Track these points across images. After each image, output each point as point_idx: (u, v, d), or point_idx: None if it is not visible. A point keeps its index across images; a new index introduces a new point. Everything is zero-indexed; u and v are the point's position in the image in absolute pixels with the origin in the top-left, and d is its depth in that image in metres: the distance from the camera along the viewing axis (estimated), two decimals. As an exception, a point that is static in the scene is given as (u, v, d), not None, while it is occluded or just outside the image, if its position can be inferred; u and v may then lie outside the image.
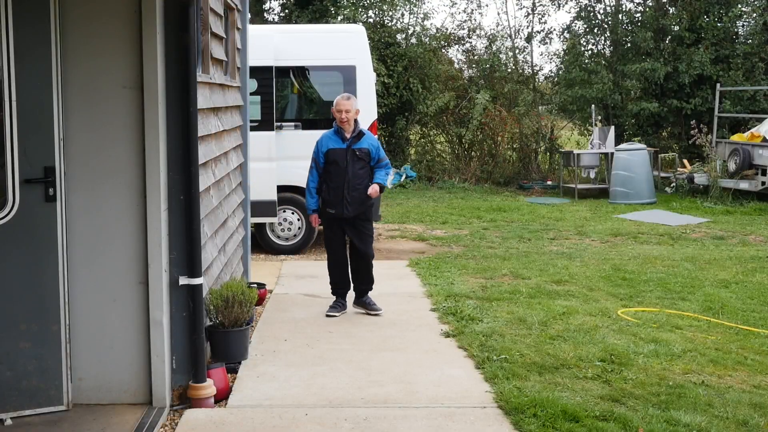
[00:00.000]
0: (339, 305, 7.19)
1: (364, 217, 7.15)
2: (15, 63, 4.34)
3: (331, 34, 10.72)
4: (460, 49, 20.92)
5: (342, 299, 7.23)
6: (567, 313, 7.08)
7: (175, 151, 4.76)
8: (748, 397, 5.14)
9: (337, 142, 7.04)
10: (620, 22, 19.49)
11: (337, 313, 7.09)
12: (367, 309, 7.16)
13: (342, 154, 7.00)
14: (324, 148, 7.06)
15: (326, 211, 7.07)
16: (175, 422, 4.66)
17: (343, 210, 6.99)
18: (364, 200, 7.05)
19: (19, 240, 4.45)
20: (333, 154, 7.01)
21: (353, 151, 7.01)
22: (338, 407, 4.87)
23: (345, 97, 7.10)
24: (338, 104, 7.04)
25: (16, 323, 4.49)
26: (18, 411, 4.53)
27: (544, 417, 4.67)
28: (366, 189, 7.03)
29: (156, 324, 4.73)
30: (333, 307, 7.17)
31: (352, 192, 6.98)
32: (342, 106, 7.02)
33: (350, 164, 6.99)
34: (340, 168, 6.99)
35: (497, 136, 18.87)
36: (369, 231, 7.22)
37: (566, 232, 12.04)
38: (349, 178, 6.98)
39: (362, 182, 7.02)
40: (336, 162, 7.00)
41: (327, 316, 7.01)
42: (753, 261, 9.73)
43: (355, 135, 7.05)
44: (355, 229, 7.11)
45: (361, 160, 7.03)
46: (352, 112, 7.05)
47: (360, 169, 7.03)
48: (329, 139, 7.10)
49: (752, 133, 15.43)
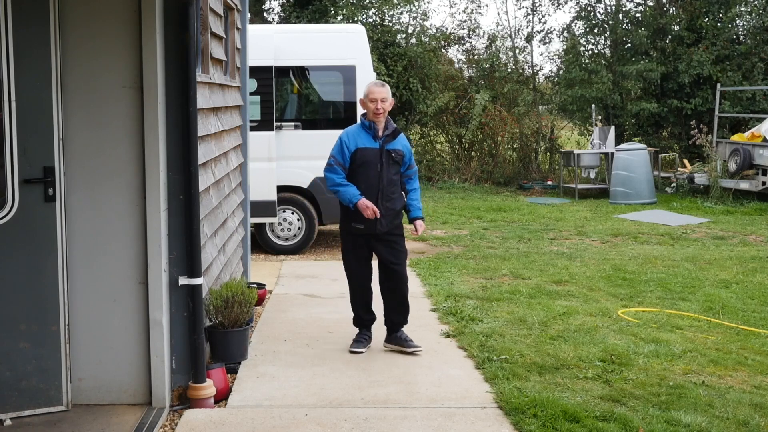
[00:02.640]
0: (364, 338, 6.07)
1: (397, 232, 5.99)
2: (14, 63, 4.33)
3: (331, 34, 10.71)
4: (460, 49, 20.93)
5: (367, 331, 6.13)
6: (567, 313, 7.07)
7: (174, 151, 4.75)
8: (749, 397, 5.13)
9: (368, 140, 5.85)
10: (620, 22, 19.49)
11: (362, 348, 5.98)
12: (403, 347, 5.94)
13: (374, 156, 5.82)
14: (352, 146, 5.83)
15: (351, 226, 5.89)
16: (174, 422, 4.66)
17: (376, 224, 5.82)
18: (398, 213, 5.96)
19: (19, 240, 4.44)
20: (363, 154, 5.81)
21: (388, 152, 5.84)
22: (338, 407, 4.86)
23: (378, 83, 5.94)
24: (371, 92, 5.83)
25: (16, 323, 4.48)
26: (17, 411, 4.53)
27: (545, 417, 4.66)
28: (399, 199, 5.95)
29: (156, 324, 4.73)
30: (357, 341, 6.03)
31: (386, 203, 5.83)
32: (377, 94, 5.81)
33: (385, 168, 5.82)
34: (372, 172, 5.80)
35: (497, 136, 18.87)
36: (403, 247, 6.04)
37: (566, 232, 12.04)
38: (384, 185, 5.82)
39: (396, 191, 5.93)
40: (366, 165, 5.80)
41: (351, 352, 5.94)
42: (753, 261, 9.73)
43: (390, 133, 5.88)
44: (387, 246, 5.93)
45: (395, 164, 5.89)
46: (388, 102, 5.85)
47: (394, 175, 5.89)
48: (357, 135, 5.88)
49: (752, 133, 15.43)
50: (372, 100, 5.82)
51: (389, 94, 5.88)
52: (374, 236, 5.88)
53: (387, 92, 5.86)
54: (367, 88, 5.89)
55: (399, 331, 6.02)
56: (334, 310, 7.18)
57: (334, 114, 10.50)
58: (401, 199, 6.00)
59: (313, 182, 9.93)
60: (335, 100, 10.46)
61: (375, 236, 5.88)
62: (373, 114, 5.81)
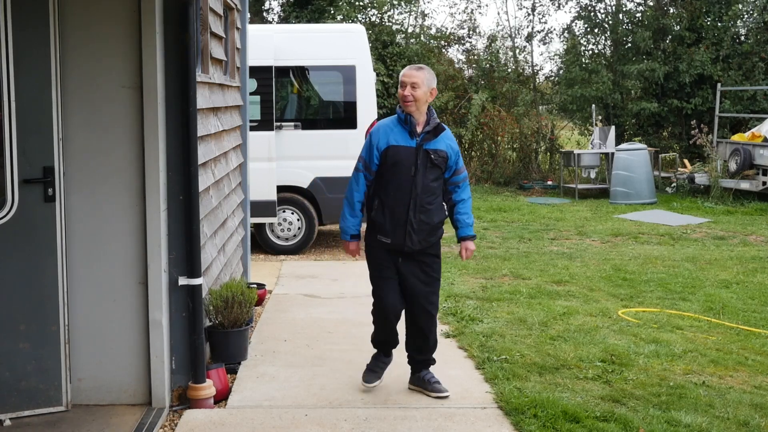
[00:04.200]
0: (379, 366, 5.16)
1: (432, 252, 5.00)
2: (14, 63, 4.33)
3: (330, 34, 10.71)
4: (459, 49, 20.93)
5: (385, 356, 5.22)
6: (567, 313, 7.07)
7: (174, 151, 4.75)
8: (749, 397, 5.13)
9: (402, 137, 4.88)
10: (620, 22, 19.49)
11: (375, 380, 5.12)
12: (428, 390, 5.03)
13: (410, 156, 4.84)
14: (383, 143, 4.88)
15: (377, 239, 4.96)
16: (174, 423, 4.65)
17: (405, 240, 4.87)
18: (434, 228, 4.95)
19: (18, 240, 4.44)
20: (396, 152, 4.85)
21: (426, 152, 4.86)
22: (338, 408, 4.86)
23: (415, 66, 4.96)
24: (402, 74, 4.89)
25: (16, 324, 4.48)
26: (17, 411, 4.52)
27: (545, 417, 4.66)
28: (437, 212, 4.93)
29: (155, 324, 4.72)
30: (370, 369, 5.16)
31: (420, 214, 4.85)
32: (407, 77, 4.84)
33: (420, 172, 4.84)
34: (405, 176, 4.84)
35: (497, 136, 18.86)
36: (437, 271, 5.04)
37: (566, 232, 12.03)
38: (418, 192, 4.84)
39: (434, 201, 4.92)
40: (399, 166, 4.85)
41: (363, 383, 5.12)
42: (754, 261, 9.72)
43: (431, 129, 4.89)
44: (417, 268, 4.96)
45: (435, 168, 4.88)
46: (423, 89, 4.83)
47: (433, 181, 4.89)
48: (390, 130, 4.91)
49: (753, 132, 15.43)
50: (402, 84, 4.85)
51: (428, 79, 4.85)
52: (403, 254, 4.94)
53: (424, 77, 4.83)
54: (402, 72, 4.94)
55: (423, 371, 5.11)
56: (334, 311, 7.18)
57: (334, 114, 10.50)
58: (441, 212, 4.98)
59: (313, 182, 9.93)
60: (335, 100, 10.45)
61: (404, 254, 4.94)
62: (402, 102, 4.86)
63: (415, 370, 5.15)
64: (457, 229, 5.10)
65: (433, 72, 4.97)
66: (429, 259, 4.99)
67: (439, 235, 5.02)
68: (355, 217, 5.01)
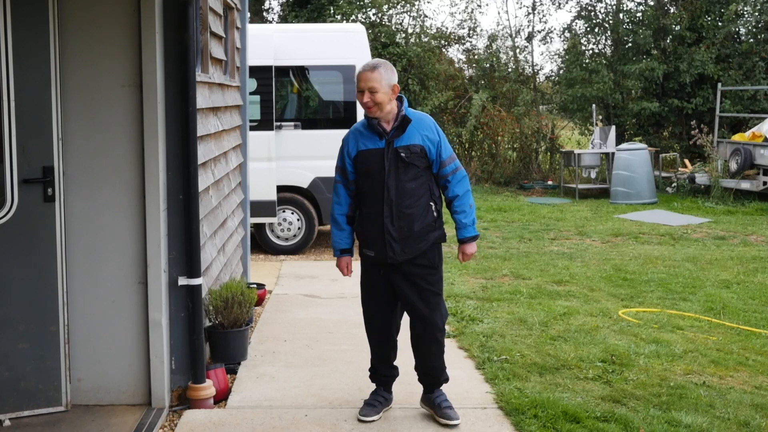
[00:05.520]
0: (378, 401, 4.68)
1: (424, 262, 4.50)
2: (14, 62, 4.32)
3: (330, 34, 10.70)
4: (460, 49, 20.93)
5: (386, 391, 4.78)
6: (568, 313, 7.06)
7: (174, 151, 4.74)
8: (750, 397, 5.12)
9: (371, 139, 4.47)
10: (621, 22, 19.48)
11: (373, 415, 4.61)
12: (437, 413, 4.57)
13: (378, 159, 4.43)
14: (353, 150, 4.51)
15: (363, 252, 4.60)
16: (174, 423, 4.65)
17: (386, 250, 4.43)
18: (421, 233, 4.45)
19: (18, 240, 4.43)
20: (365, 158, 4.46)
21: (396, 151, 4.42)
22: (338, 408, 4.85)
23: (369, 66, 4.43)
24: (358, 77, 4.43)
25: (15, 324, 4.47)
26: (16, 412, 4.52)
27: (545, 418, 4.65)
28: (422, 215, 4.44)
29: (155, 324, 4.72)
30: (369, 404, 4.67)
31: (398, 221, 4.41)
32: (363, 81, 4.39)
33: (392, 174, 4.41)
34: (377, 181, 4.43)
35: (497, 136, 18.85)
36: (433, 284, 4.53)
37: (567, 232, 12.02)
38: (392, 197, 4.41)
39: (416, 203, 4.43)
40: (370, 173, 4.45)
41: (360, 417, 4.61)
42: (754, 261, 9.71)
43: (398, 125, 4.44)
44: (407, 280, 4.49)
45: (410, 167, 4.42)
46: (383, 91, 4.37)
47: (410, 182, 4.42)
48: (360, 134, 4.52)
49: (753, 132, 15.42)
50: (360, 90, 4.42)
51: (386, 78, 4.38)
52: (389, 267, 4.48)
53: (381, 77, 4.36)
54: (357, 74, 4.48)
55: (436, 392, 4.67)
56: (334, 311, 7.17)
57: (333, 114, 10.50)
58: (427, 214, 4.46)
59: (313, 182, 9.92)
60: (335, 100, 10.45)
61: (391, 266, 4.47)
62: (365, 107, 4.42)
63: (426, 389, 4.71)
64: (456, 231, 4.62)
65: (390, 65, 4.46)
66: (423, 271, 4.48)
67: (430, 241, 4.48)
68: (342, 231, 4.60)
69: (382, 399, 4.71)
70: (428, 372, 4.68)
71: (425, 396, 4.72)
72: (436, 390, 4.69)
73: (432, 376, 4.68)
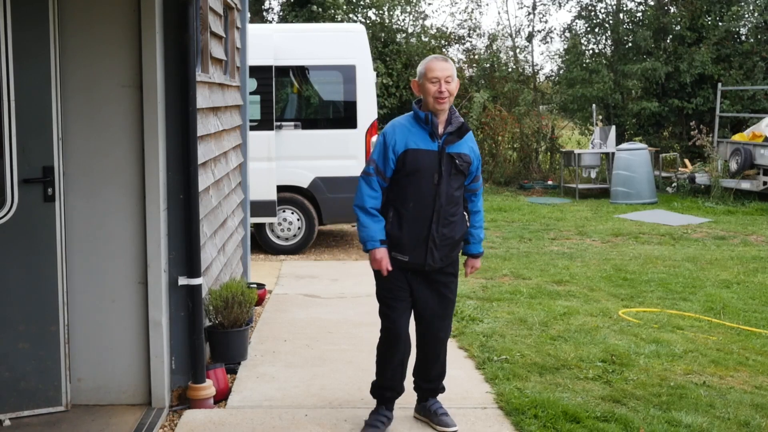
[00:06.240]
0: (381, 421, 4.44)
1: (451, 270, 4.42)
2: (14, 62, 4.32)
3: (330, 34, 10.70)
4: (460, 49, 20.92)
5: (387, 410, 4.51)
6: (568, 313, 7.06)
7: (174, 151, 4.74)
8: (750, 397, 5.12)
9: (422, 138, 4.23)
10: (621, 22, 19.48)
11: None
12: (434, 423, 4.47)
13: (432, 161, 4.21)
14: (400, 146, 4.22)
15: (391, 255, 4.30)
16: (174, 423, 4.65)
17: (426, 258, 4.26)
18: (456, 243, 4.38)
19: (18, 240, 4.43)
20: (415, 158, 4.20)
21: (450, 157, 4.23)
22: (338, 408, 4.85)
23: (441, 58, 4.29)
24: (432, 68, 4.20)
25: (15, 324, 4.47)
26: (16, 412, 4.51)
27: (545, 418, 4.65)
28: (460, 224, 4.34)
29: (155, 324, 4.72)
30: (371, 424, 4.43)
31: (443, 228, 4.26)
32: (439, 71, 4.17)
33: (444, 179, 4.22)
34: (427, 184, 4.21)
35: (498, 136, 18.85)
36: (453, 293, 4.47)
37: (567, 232, 12.02)
38: (442, 203, 4.23)
39: (458, 211, 4.33)
40: (419, 174, 4.21)
41: None
42: (754, 261, 9.71)
43: (454, 130, 4.25)
44: (434, 289, 4.37)
45: (459, 175, 4.28)
46: (455, 83, 4.23)
47: (457, 190, 4.29)
48: (408, 130, 4.25)
49: (753, 132, 15.42)
50: (433, 80, 4.15)
51: (455, 73, 4.24)
52: (420, 273, 4.34)
53: (453, 68, 4.22)
54: (426, 64, 4.23)
55: (431, 400, 4.56)
56: (334, 311, 7.17)
57: (334, 114, 10.49)
58: (463, 224, 4.38)
59: (313, 182, 9.92)
60: (335, 100, 10.44)
61: (422, 273, 4.34)
62: (436, 100, 4.17)
63: (421, 398, 4.60)
64: (466, 244, 4.53)
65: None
66: (447, 279, 4.39)
67: (459, 250, 4.45)
68: (379, 222, 4.25)
69: (384, 419, 4.47)
70: (430, 378, 4.58)
71: (420, 405, 4.62)
72: (431, 398, 4.59)
73: (432, 383, 4.60)
